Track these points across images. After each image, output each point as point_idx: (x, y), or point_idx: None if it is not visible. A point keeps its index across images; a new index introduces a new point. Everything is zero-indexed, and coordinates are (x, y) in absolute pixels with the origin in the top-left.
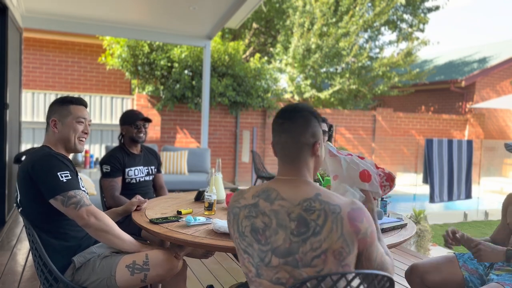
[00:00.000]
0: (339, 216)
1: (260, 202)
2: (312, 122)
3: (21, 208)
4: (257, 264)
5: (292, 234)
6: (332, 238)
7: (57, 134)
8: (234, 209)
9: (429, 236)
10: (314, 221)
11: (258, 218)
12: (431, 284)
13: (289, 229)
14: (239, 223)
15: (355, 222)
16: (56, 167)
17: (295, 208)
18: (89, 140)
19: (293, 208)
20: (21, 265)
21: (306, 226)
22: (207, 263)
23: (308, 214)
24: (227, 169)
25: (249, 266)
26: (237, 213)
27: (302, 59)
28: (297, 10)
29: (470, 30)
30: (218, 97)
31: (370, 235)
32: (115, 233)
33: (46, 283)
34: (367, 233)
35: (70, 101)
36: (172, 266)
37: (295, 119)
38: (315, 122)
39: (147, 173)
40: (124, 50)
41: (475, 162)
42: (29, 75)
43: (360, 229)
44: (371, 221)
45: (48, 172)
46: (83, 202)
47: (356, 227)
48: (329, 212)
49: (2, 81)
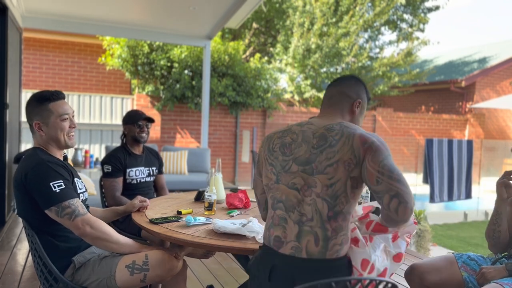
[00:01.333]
0: (352, 134)
1: (293, 127)
2: (360, 86)
3: (19, 212)
4: (278, 172)
5: (313, 147)
6: (343, 150)
7: (44, 136)
8: (270, 135)
9: (429, 236)
10: (332, 137)
11: (288, 136)
12: (431, 285)
13: (311, 144)
14: (271, 142)
15: (364, 137)
16: (48, 177)
17: (319, 129)
18: (89, 140)
19: (318, 129)
20: (21, 265)
21: (325, 140)
22: (207, 263)
23: (329, 132)
24: (227, 169)
25: (271, 175)
26: (272, 136)
27: (302, 59)
28: (297, 10)
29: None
30: (218, 97)
31: (376, 145)
32: (112, 239)
33: (46, 283)
34: (373, 143)
35: (48, 99)
36: (171, 266)
37: (347, 79)
38: (362, 88)
39: (148, 174)
40: (124, 50)
41: (475, 162)
42: (29, 75)
43: (367, 140)
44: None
45: (41, 183)
46: (77, 212)
47: (363, 138)
48: (345, 132)
49: (2, 81)
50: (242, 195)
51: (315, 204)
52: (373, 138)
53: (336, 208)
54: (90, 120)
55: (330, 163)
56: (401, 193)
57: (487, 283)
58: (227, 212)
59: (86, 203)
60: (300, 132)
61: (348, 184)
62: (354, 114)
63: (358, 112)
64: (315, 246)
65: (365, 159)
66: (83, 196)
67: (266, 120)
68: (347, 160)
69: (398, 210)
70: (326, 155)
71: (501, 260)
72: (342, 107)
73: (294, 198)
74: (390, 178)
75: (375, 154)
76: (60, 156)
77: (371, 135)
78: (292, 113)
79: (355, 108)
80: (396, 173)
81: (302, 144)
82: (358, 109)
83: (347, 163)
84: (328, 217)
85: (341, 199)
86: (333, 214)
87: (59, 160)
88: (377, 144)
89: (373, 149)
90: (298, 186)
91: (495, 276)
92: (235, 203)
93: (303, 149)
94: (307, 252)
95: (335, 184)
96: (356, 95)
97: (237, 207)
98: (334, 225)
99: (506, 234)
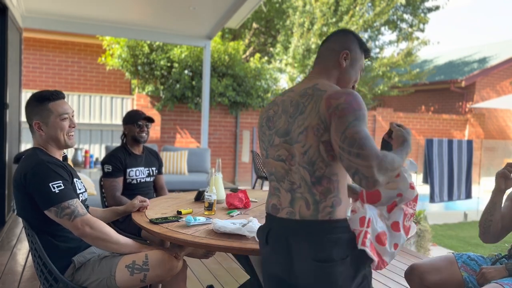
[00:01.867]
0: (320, 98)
1: (277, 97)
2: (348, 36)
3: (19, 213)
4: (266, 147)
5: (290, 117)
6: (311, 115)
7: (44, 136)
8: (262, 109)
9: (429, 236)
10: (303, 103)
11: (272, 109)
12: (431, 285)
13: (288, 113)
14: (261, 117)
15: (330, 100)
16: (48, 178)
17: (296, 97)
18: (89, 140)
19: (294, 97)
20: (21, 265)
21: (297, 107)
22: (207, 263)
23: (301, 98)
24: (227, 169)
25: (263, 151)
26: (262, 111)
27: (302, 59)
28: (297, 10)
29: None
30: (218, 97)
31: (342, 109)
32: (112, 239)
33: (46, 283)
34: (338, 106)
35: (47, 98)
36: (171, 266)
37: (335, 33)
38: (351, 38)
39: (148, 174)
40: (124, 50)
41: (475, 162)
42: (29, 75)
43: (331, 103)
44: (351, 102)
45: (40, 184)
46: (77, 213)
47: (329, 102)
48: (315, 95)
49: (2, 81)
50: (242, 195)
51: (299, 172)
52: (339, 99)
53: (317, 173)
54: (90, 120)
55: (300, 130)
56: (360, 170)
57: (487, 283)
58: (227, 212)
59: (86, 203)
60: (281, 102)
61: (321, 148)
62: (341, 67)
63: (348, 65)
64: (307, 210)
65: (331, 125)
66: (83, 196)
67: None
68: (315, 126)
69: (363, 185)
70: (297, 122)
71: (501, 260)
72: (327, 63)
73: (281, 169)
74: (349, 153)
75: (338, 121)
76: (59, 156)
77: (340, 93)
78: None
79: (341, 60)
80: (356, 145)
81: (281, 115)
82: (347, 61)
83: (316, 128)
84: (312, 183)
85: (319, 164)
86: (316, 179)
87: (59, 161)
88: (343, 107)
89: (337, 114)
90: (283, 157)
91: (495, 276)
92: (235, 203)
93: (282, 120)
94: (300, 215)
95: (308, 151)
96: (341, 46)
97: (237, 207)
98: (320, 189)
99: (497, 226)
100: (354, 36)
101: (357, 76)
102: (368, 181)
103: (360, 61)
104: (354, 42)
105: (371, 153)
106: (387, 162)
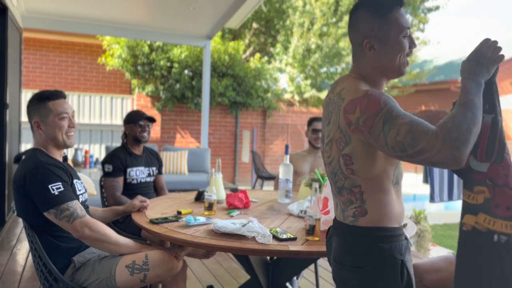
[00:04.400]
0: (339, 109)
1: (328, 94)
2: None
3: (19, 213)
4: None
5: (326, 124)
6: (334, 128)
7: (43, 135)
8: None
9: (429, 236)
10: (330, 112)
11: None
12: (430, 284)
13: (326, 120)
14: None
15: (347, 114)
16: (47, 180)
17: (330, 102)
18: (89, 140)
19: (330, 102)
20: (21, 265)
21: (327, 116)
22: (207, 263)
23: (330, 106)
24: (227, 169)
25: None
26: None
27: (302, 59)
28: (297, 10)
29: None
30: (218, 97)
31: (363, 123)
32: (111, 240)
33: (46, 283)
34: (358, 123)
35: (47, 97)
36: (171, 266)
37: (351, 18)
38: (365, 17)
39: (148, 174)
40: (124, 50)
41: None
42: (29, 75)
43: (351, 120)
44: (368, 108)
45: (39, 186)
46: (76, 215)
47: (347, 119)
48: (337, 105)
49: (2, 81)
50: (242, 195)
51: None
52: (355, 113)
53: (338, 184)
54: (90, 120)
55: (327, 141)
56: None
57: None
58: (227, 212)
59: (86, 204)
60: (325, 105)
61: (341, 161)
62: (372, 58)
63: (376, 53)
64: (339, 213)
65: (357, 138)
66: (83, 197)
67: (266, 120)
68: (338, 139)
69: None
70: (326, 133)
71: None
72: (355, 56)
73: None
74: (411, 157)
75: (372, 137)
76: (59, 157)
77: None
78: (292, 113)
79: (367, 51)
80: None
81: (324, 120)
82: (373, 51)
83: (338, 142)
84: (336, 192)
85: (339, 176)
86: (337, 189)
87: (58, 162)
88: (364, 120)
89: (365, 131)
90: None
91: None
92: (235, 203)
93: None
94: (337, 216)
95: (332, 162)
96: (361, 35)
97: (237, 207)
98: (342, 199)
99: None
100: (365, 11)
101: (400, 46)
102: (449, 165)
103: (391, 31)
104: (369, 20)
105: (427, 140)
106: (451, 130)
